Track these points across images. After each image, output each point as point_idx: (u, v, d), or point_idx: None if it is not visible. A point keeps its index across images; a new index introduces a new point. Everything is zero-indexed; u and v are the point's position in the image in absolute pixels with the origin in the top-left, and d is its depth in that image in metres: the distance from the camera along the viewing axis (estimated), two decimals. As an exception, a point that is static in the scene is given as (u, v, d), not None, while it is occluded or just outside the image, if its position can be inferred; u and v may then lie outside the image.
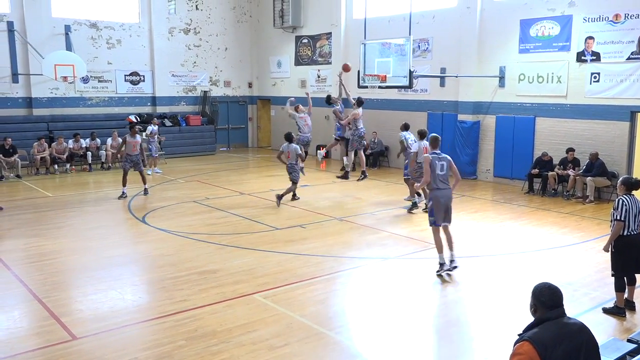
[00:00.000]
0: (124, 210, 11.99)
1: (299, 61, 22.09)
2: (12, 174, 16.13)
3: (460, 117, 16.16)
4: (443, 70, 16.56)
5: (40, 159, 16.68)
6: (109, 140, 18.01)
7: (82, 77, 19.23)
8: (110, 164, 17.93)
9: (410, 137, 12.11)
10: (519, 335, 3.26)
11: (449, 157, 8.11)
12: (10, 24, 18.24)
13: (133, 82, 21.09)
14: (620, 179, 6.74)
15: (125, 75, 20.86)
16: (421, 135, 11.09)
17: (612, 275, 6.58)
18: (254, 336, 5.89)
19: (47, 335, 5.93)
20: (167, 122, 21.09)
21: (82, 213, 12.02)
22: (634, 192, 6.55)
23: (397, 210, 12.11)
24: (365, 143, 13.32)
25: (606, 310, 6.56)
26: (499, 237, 10.07)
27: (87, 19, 19.81)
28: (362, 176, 14.66)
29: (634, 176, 7.07)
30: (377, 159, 18.25)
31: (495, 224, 10.94)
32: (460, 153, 16.13)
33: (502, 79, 15.17)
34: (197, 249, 9.13)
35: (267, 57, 23.55)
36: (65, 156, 17.16)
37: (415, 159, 11.16)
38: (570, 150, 13.39)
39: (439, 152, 8.09)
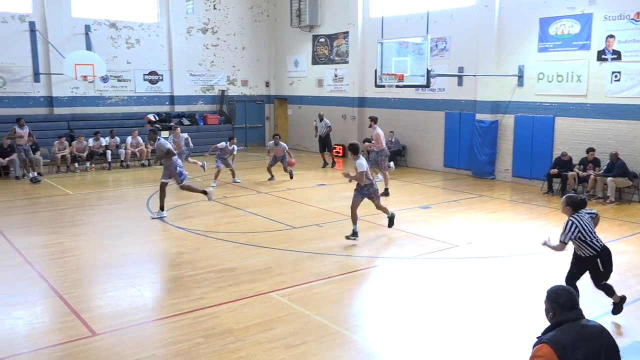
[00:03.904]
0: (142, 209, 12.10)
1: (316, 60, 22.11)
2: (33, 172, 16.35)
3: (479, 116, 16.04)
4: (461, 69, 16.46)
5: (60, 157, 16.92)
6: (129, 139, 18.19)
7: (102, 77, 19.46)
8: (129, 163, 18.11)
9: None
10: (537, 337, 3.24)
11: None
12: (32, 24, 18.55)
13: (152, 82, 21.29)
14: (565, 198, 6.20)
15: (144, 75, 21.07)
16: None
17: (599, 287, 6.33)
18: (271, 334, 5.92)
19: (68, 331, 6.02)
20: (185, 121, 21.28)
21: (102, 211, 12.17)
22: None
23: (415, 210, 12.07)
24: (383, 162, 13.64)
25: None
26: (518, 237, 9.98)
27: (106, 19, 20.04)
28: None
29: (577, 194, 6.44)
30: (394, 158, 18.17)
31: (514, 225, 10.85)
32: (478, 153, 16.04)
33: (521, 78, 15.02)
34: (214, 247, 9.19)
35: (284, 56, 23.61)
36: (85, 154, 17.39)
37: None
38: (590, 150, 13.22)
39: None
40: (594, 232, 6.08)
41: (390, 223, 10.04)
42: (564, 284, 3.45)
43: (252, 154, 21.89)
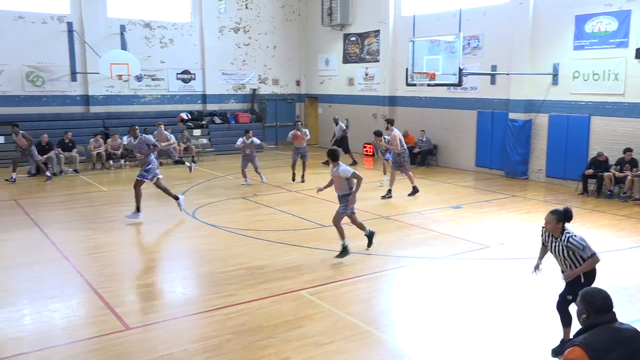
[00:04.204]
0: (175, 206, 12.27)
1: (347, 59, 22.10)
2: (70, 169, 16.81)
3: (512, 115, 15.80)
4: (494, 67, 16.22)
5: (96, 154, 17.34)
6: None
7: (136, 76, 19.83)
8: (161, 161, 18.38)
9: None
10: (569, 340, 3.19)
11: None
12: (69, 25, 19.02)
13: (184, 81, 21.61)
14: (554, 215, 5.64)
15: (177, 74, 21.40)
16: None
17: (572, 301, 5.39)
18: (300, 332, 5.96)
19: (103, 325, 6.17)
20: (217, 120, 21.55)
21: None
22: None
23: (445, 209, 11.97)
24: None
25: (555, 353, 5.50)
26: (551, 239, 9.79)
27: (141, 19, 20.41)
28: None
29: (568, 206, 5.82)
30: (425, 157, 18.07)
31: (547, 226, 10.64)
32: (511, 152, 15.80)
33: (555, 76, 14.74)
34: (244, 245, 9.29)
35: (315, 55, 23.67)
36: (119, 152, 17.76)
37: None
38: (628, 150, 12.89)
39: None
40: None
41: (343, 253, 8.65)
42: (603, 286, 3.37)
43: (282, 152, 21.99)
